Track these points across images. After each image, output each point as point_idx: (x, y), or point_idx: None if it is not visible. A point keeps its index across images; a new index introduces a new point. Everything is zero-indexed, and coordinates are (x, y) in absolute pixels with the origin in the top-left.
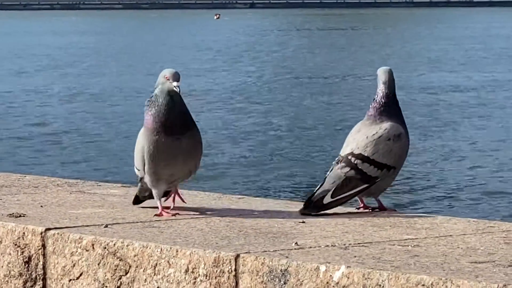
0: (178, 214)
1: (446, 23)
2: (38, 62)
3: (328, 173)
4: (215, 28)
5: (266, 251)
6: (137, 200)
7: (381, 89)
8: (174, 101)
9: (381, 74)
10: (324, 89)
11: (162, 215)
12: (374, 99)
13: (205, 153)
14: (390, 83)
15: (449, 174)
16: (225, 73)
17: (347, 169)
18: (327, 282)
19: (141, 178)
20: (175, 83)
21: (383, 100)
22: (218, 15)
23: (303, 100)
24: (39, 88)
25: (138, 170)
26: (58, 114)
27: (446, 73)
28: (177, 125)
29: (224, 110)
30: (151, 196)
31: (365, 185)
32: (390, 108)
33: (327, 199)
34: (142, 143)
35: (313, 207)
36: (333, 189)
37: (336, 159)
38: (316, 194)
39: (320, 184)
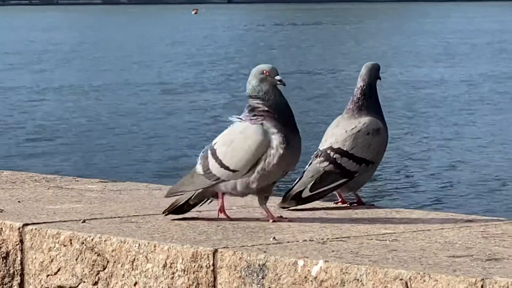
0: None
1: (430, 17)
2: (11, 58)
3: (306, 167)
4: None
5: (244, 246)
6: (179, 210)
7: (361, 85)
8: (281, 93)
9: (362, 69)
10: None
11: (279, 220)
12: (353, 94)
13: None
14: (368, 77)
15: (428, 168)
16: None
17: (326, 163)
18: (305, 277)
19: (220, 181)
20: (278, 77)
21: (362, 95)
22: (196, 10)
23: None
24: (13, 83)
25: (233, 171)
26: (34, 110)
27: (430, 67)
28: (293, 119)
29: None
30: (194, 205)
31: (344, 180)
32: (369, 102)
33: (306, 193)
34: (255, 141)
35: (292, 201)
36: (311, 183)
37: (315, 153)
38: (294, 188)
39: (298, 178)
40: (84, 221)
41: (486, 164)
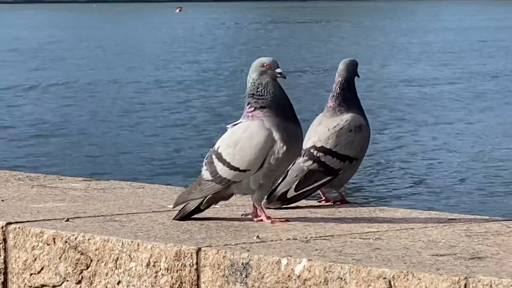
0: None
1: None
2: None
3: (290, 166)
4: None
5: (227, 244)
6: (189, 216)
7: (339, 81)
8: (280, 87)
9: (340, 65)
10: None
11: (275, 222)
12: (332, 90)
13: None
14: (348, 74)
15: (411, 166)
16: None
17: (310, 162)
18: (289, 276)
19: (231, 183)
20: (278, 70)
21: (341, 92)
22: (180, 8)
23: None
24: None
25: (244, 171)
26: (18, 108)
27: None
28: (293, 111)
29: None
30: (204, 210)
31: (328, 178)
32: (349, 98)
33: (291, 192)
34: (260, 138)
35: (277, 201)
36: (296, 182)
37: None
38: (279, 188)
39: (282, 178)
40: (67, 220)
41: (470, 163)
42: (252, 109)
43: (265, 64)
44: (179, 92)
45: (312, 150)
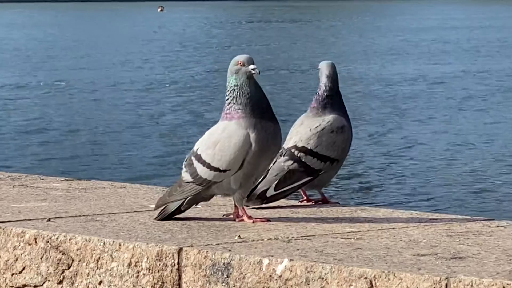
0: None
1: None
2: None
3: (271, 165)
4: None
5: (209, 244)
6: (170, 217)
7: (324, 82)
8: (257, 85)
9: (324, 67)
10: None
11: (257, 222)
12: (317, 92)
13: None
14: (333, 77)
15: (393, 166)
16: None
17: (290, 162)
18: (270, 275)
19: (211, 184)
20: (252, 66)
21: (325, 93)
22: (161, 8)
23: None
24: None
25: (224, 171)
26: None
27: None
28: (270, 109)
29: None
30: (185, 211)
31: (309, 178)
32: (333, 101)
33: (271, 192)
34: (239, 137)
35: (256, 199)
36: (276, 182)
37: (279, 151)
38: (258, 187)
39: (262, 177)
40: (49, 220)
41: (452, 162)
42: (230, 109)
43: (239, 62)
44: (160, 93)
45: (293, 150)
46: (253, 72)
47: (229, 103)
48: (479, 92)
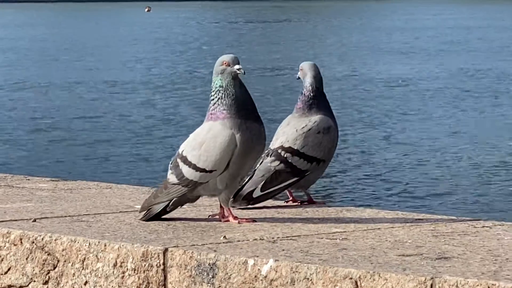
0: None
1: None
2: None
3: (257, 166)
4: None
5: (194, 245)
6: (155, 217)
7: (309, 83)
8: (242, 85)
9: (308, 68)
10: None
11: (242, 222)
12: (302, 93)
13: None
14: (317, 77)
15: (378, 167)
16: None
17: (277, 162)
18: (255, 276)
19: (197, 185)
20: (237, 66)
21: (311, 94)
22: (148, 8)
23: None
24: None
25: (210, 172)
26: None
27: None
28: (255, 110)
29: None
30: (170, 212)
31: (295, 178)
32: (319, 101)
33: (257, 192)
34: (224, 137)
35: (243, 200)
36: (262, 182)
37: (266, 152)
38: (245, 187)
39: (249, 178)
40: (34, 220)
41: (437, 162)
42: (215, 110)
43: (224, 62)
44: (147, 93)
45: (279, 151)
46: (238, 72)
47: (214, 104)
48: (464, 91)
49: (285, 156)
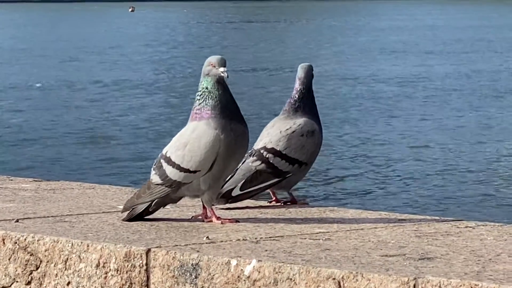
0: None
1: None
2: None
3: (239, 165)
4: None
5: (177, 245)
6: (137, 218)
7: (297, 85)
8: (225, 87)
9: (299, 70)
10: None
11: (225, 222)
12: (291, 96)
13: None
14: (306, 80)
15: (361, 167)
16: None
17: (258, 162)
18: (238, 276)
19: (180, 185)
20: (221, 69)
21: (298, 96)
22: (132, 8)
23: None
24: None
25: (195, 172)
26: None
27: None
28: (239, 112)
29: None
30: (153, 212)
31: (276, 179)
32: (306, 104)
33: (236, 191)
34: (209, 137)
35: (221, 198)
36: (242, 181)
37: (249, 152)
38: (225, 186)
39: (230, 176)
40: (17, 221)
41: (421, 163)
42: (200, 110)
43: (211, 64)
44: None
45: (262, 151)
46: (222, 75)
47: (199, 104)
48: (451, 90)
49: (267, 156)
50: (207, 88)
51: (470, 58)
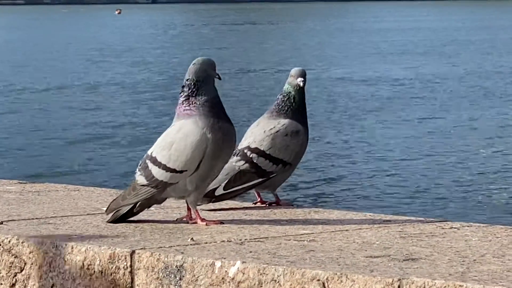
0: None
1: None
2: None
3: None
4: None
5: (161, 247)
6: (122, 219)
7: (285, 87)
8: (215, 88)
9: (291, 73)
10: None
11: (210, 224)
12: (278, 97)
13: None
14: (294, 82)
15: (346, 168)
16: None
17: (242, 162)
18: (223, 278)
19: (166, 186)
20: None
21: (284, 98)
22: (119, 10)
23: None
24: None
25: (181, 172)
26: None
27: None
28: (225, 112)
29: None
30: (137, 213)
31: (260, 179)
32: (291, 105)
33: (219, 191)
34: (196, 136)
35: (204, 198)
36: (226, 181)
37: (233, 152)
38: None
39: None
40: (1, 223)
41: (406, 164)
42: (187, 107)
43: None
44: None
45: (245, 151)
46: (217, 77)
47: (184, 102)
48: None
49: (250, 156)
50: (191, 87)
51: (463, 60)
